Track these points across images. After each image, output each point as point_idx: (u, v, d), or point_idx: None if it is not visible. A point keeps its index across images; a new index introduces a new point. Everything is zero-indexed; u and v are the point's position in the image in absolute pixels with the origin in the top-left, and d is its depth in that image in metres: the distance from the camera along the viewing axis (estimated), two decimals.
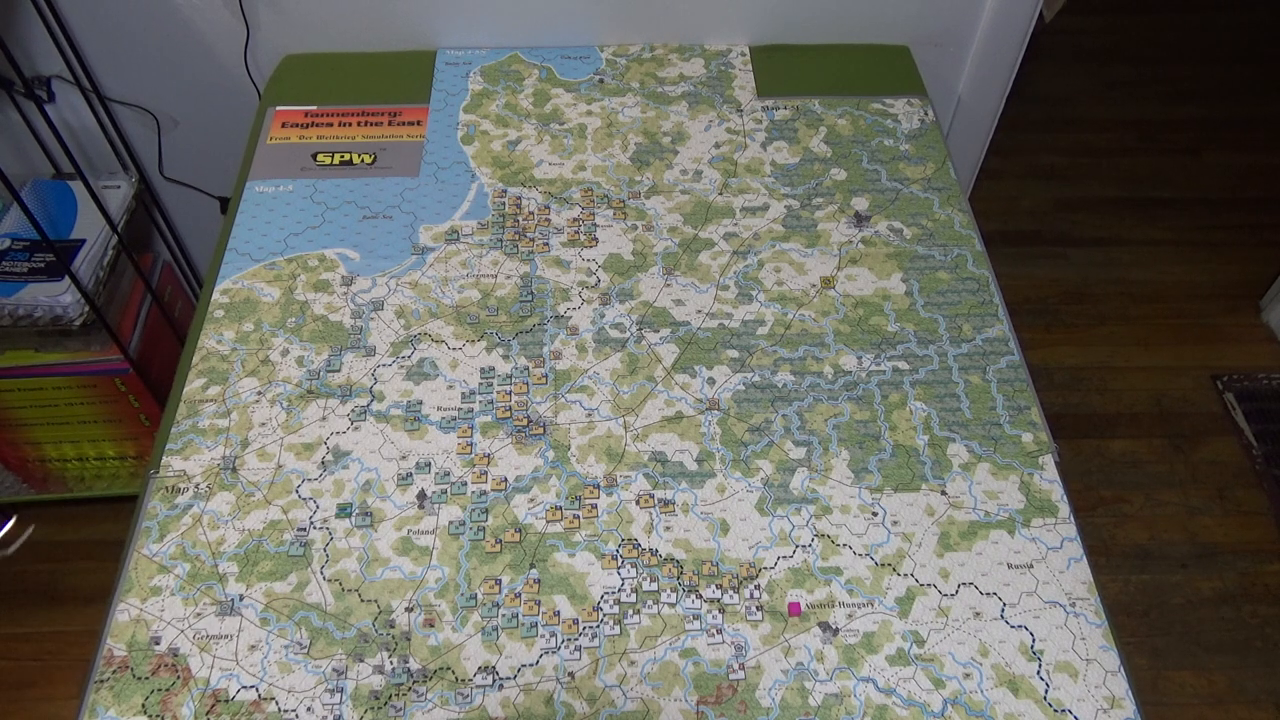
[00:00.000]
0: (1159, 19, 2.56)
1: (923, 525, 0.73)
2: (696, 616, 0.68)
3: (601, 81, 1.10)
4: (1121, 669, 0.66)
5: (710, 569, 0.71)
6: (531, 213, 0.95)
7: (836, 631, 0.68)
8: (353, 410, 0.80)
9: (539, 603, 0.69)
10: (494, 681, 0.65)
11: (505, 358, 0.84)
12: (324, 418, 0.79)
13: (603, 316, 0.87)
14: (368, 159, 1.01)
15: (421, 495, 0.75)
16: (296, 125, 1.05)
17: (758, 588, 0.70)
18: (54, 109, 1.24)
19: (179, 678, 0.65)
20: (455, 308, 0.87)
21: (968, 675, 0.66)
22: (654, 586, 0.70)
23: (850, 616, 0.68)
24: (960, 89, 1.24)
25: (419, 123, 1.05)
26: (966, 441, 0.78)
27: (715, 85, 1.09)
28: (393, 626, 0.68)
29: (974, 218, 0.96)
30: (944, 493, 0.75)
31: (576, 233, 0.94)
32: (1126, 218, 2.07)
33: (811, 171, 0.99)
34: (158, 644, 0.67)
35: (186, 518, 0.73)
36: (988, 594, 0.70)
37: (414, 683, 0.65)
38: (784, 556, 0.71)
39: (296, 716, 0.64)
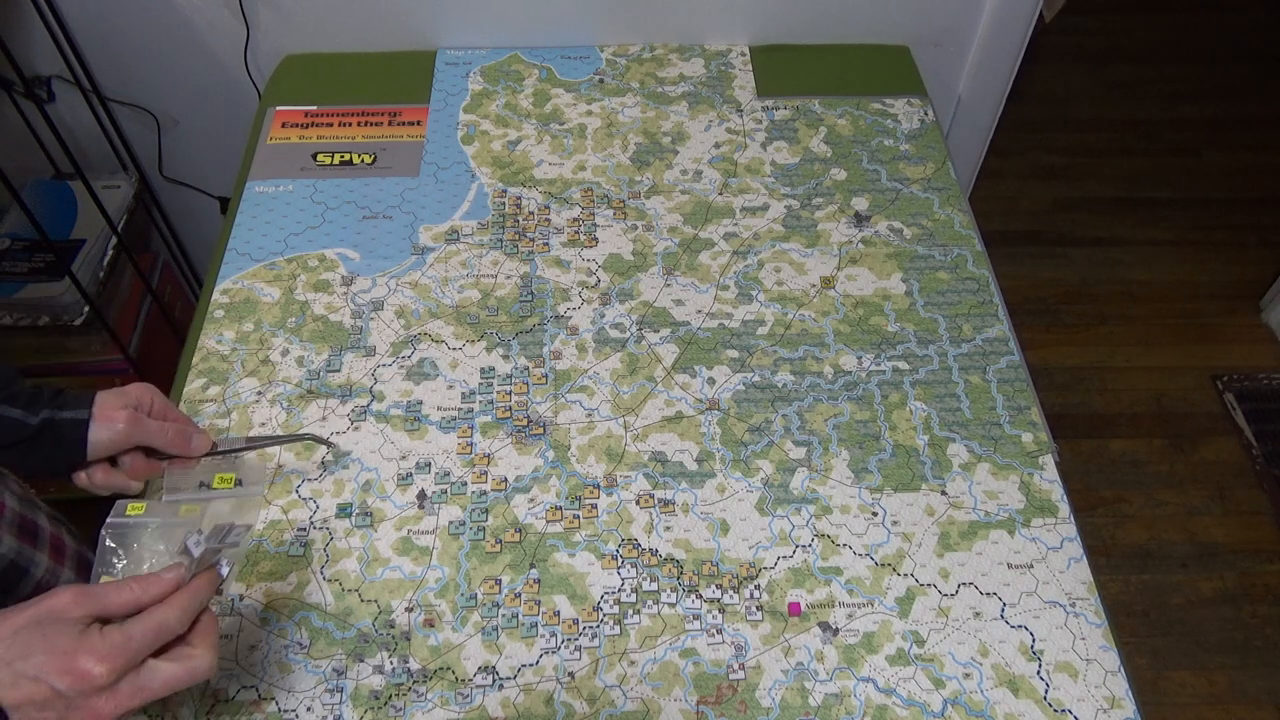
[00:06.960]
0: (1159, 19, 2.56)
1: (923, 525, 0.73)
2: (696, 616, 0.68)
3: (601, 81, 1.10)
4: (1121, 669, 0.66)
5: (710, 569, 0.71)
6: (531, 213, 0.95)
7: (836, 631, 0.68)
8: (353, 410, 0.80)
9: (539, 603, 0.69)
10: (494, 681, 0.65)
11: (505, 358, 0.84)
12: (324, 418, 0.79)
13: (603, 316, 0.87)
14: (368, 159, 1.01)
15: (421, 495, 0.75)
16: (296, 125, 1.05)
17: (758, 588, 0.70)
18: (54, 109, 1.24)
19: None
20: (455, 308, 0.87)
21: (968, 675, 0.66)
22: (654, 586, 0.70)
23: (850, 616, 0.68)
24: (960, 89, 1.24)
25: (419, 123, 1.05)
26: (966, 441, 0.78)
27: (715, 85, 1.09)
28: (393, 626, 0.68)
29: (974, 218, 0.96)
30: (944, 493, 0.75)
31: (576, 233, 0.94)
32: (1126, 218, 2.07)
33: (811, 171, 0.99)
34: None
35: None
36: (988, 594, 0.70)
37: (414, 683, 0.65)
38: (784, 556, 0.71)
39: (296, 716, 0.64)
